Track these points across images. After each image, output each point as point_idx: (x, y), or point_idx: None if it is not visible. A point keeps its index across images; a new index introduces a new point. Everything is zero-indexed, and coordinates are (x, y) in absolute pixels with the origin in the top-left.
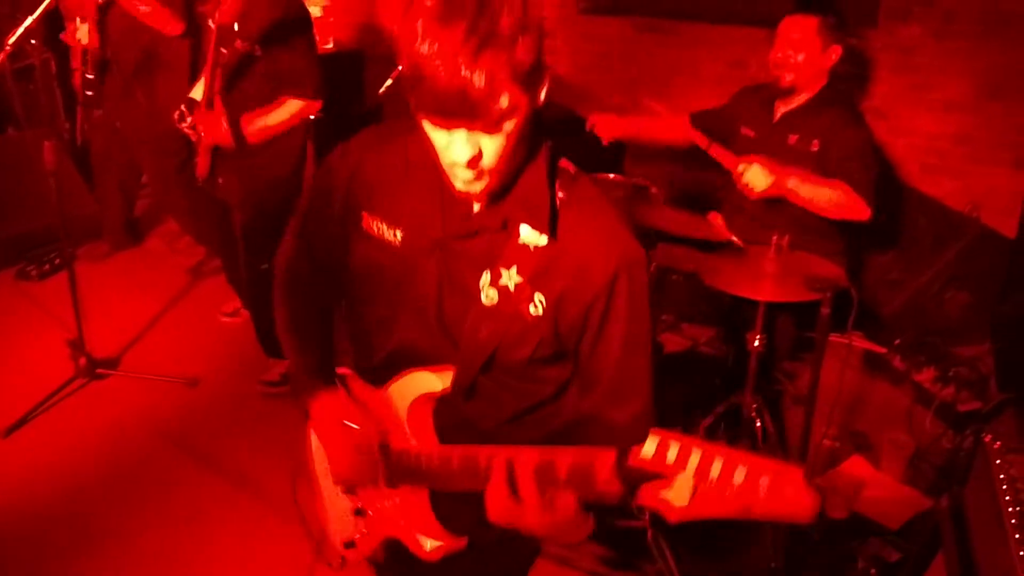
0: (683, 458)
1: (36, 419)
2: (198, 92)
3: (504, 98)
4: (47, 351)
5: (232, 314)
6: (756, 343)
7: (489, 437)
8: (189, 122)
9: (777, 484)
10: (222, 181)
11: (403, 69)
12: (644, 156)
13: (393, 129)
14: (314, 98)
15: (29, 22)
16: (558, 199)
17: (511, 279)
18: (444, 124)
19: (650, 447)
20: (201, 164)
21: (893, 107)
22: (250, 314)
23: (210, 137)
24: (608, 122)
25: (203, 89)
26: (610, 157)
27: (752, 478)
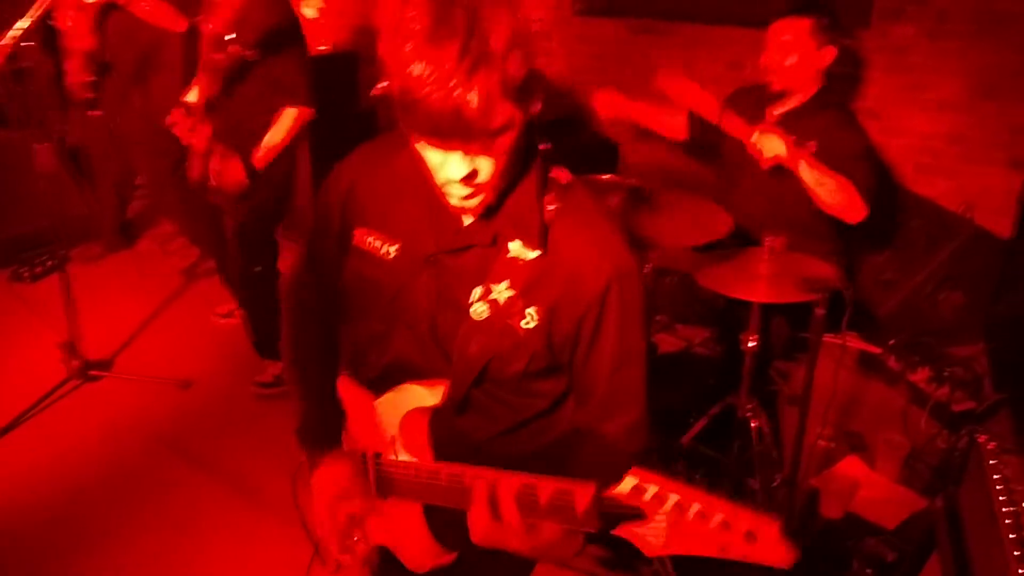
0: (660, 499)
1: (28, 421)
2: (192, 95)
3: (498, 116)
4: (40, 353)
5: (226, 315)
6: (750, 344)
7: (484, 450)
8: (183, 124)
9: (753, 533)
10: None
11: (394, 92)
12: (639, 156)
13: (385, 144)
14: (308, 105)
15: (23, 23)
16: (549, 211)
17: (502, 293)
18: (439, 145)
19: (628, 485)
20: (195, 167)
21: (887, 107)
22: (243, 315)
23: (202, 145)
24: (610, 100)
25: (198, 94)
26: (605, 159)
27: (728, 524)
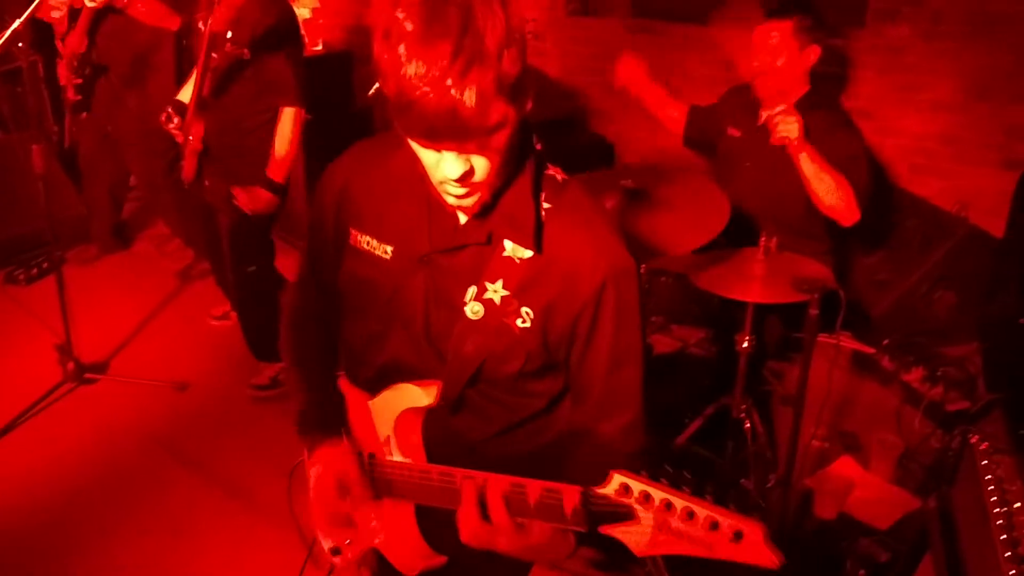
0: (647, 498)
1: (24, 424)
2: (185, 95)
3: (494, 114)
4: (35, 355)
5: (221, 317)
6: (745, 344)
7: (479, 451)
8: (176, 123)
9: (739, 534)
10: (208, 183)
11: (389, 93)
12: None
13: (379, 144)
14: (303, 105)
15: (16, 25)
16: (545, 209)
17: (497, 293)
18: (435, 145)
19: (615, 484)
20: (187, 167)
21: (881, 107)
22: (238, 317)
23: (197, 144)
24: (633, 69)
25: (192, 92)
26: (601, 159)
27: (714, 524)
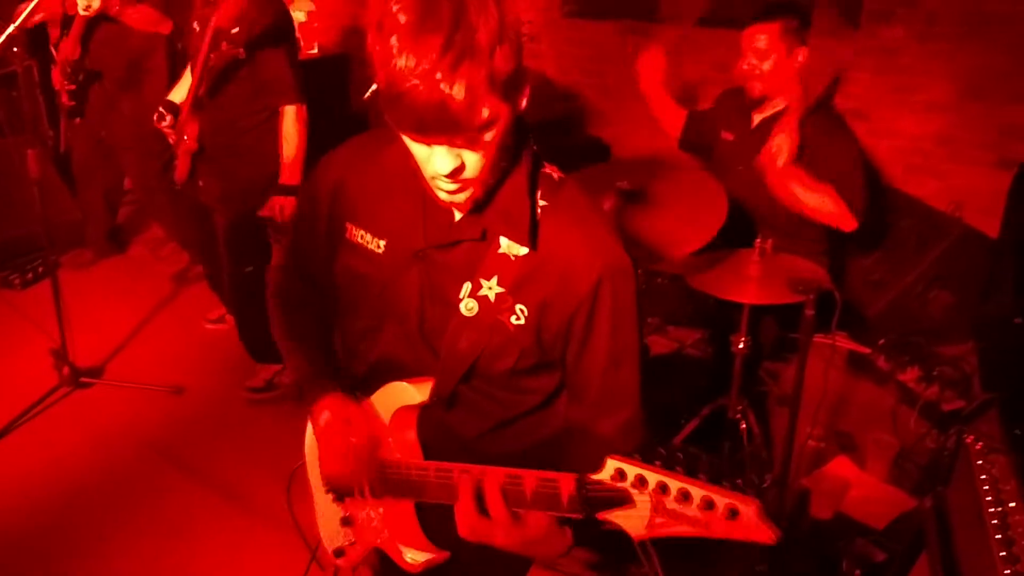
0: (642, 481)
1: (20, 428)
2: (177, 95)
3: (484, 110)
4: (30, 360)
5: (216, 321)
6: (741, 345)
7: (474, 446)
8: (168, 121)
9: (734, 511)
10: (202, 184)
11: (380, 86)
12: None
13: (376, 139)
14: (303, 102)
15: (11, 29)
16: (540, 207)
17: (492, 289)
18: (424, 139)
19: (610, 470)
20: (180, 168)
21: (876, 108)
22: (234, 319)
23: (192, 144)
24: (653, 66)
25: (187, 92)
26: (597, 160)
27: (709, 503)
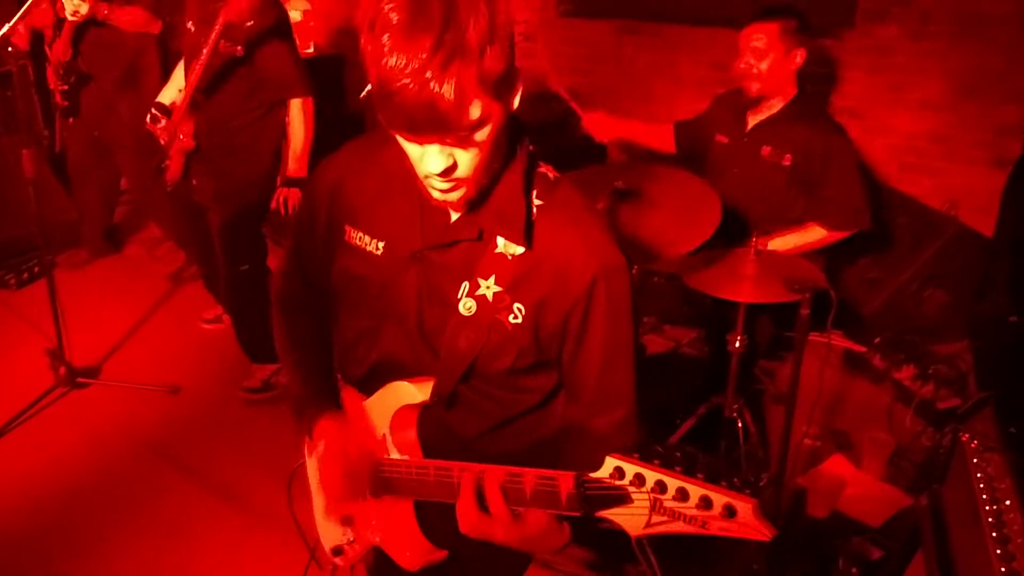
0: (641, 479)
1: (16, 429)
2: (166, 96)
3: (475, 109)
4: (26, 360)
5: (213, 321)
6: (737, 344)
7: (474, 446)
8: (163, 124)
9: (731, 509)
10: (196, 182)
11: (372, 86)
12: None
13: (373, 141)
14: (310, 94)
15: (4, 29)
16: (536, 206)
17: (489, 289)
18: (416, 138)
19: (608, 468)
20: (174, 166)
21: (871, 107)
22: (230, 318)
23: (188, 142)
24: (602, 123)
25: (180, 91)
26: (593, 160)
27: (707, 501)
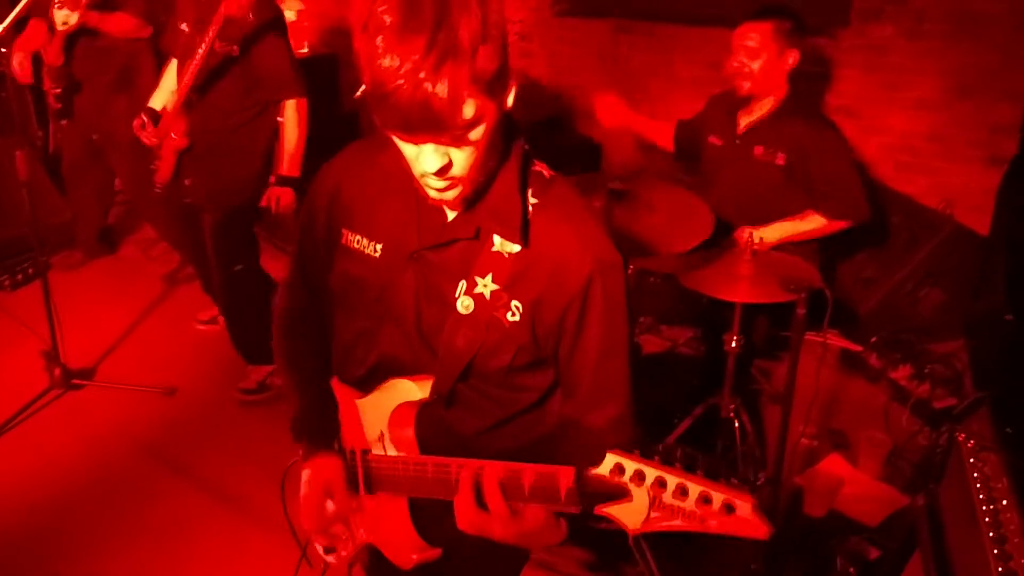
0: (640, 476)
1: (11, 431)
2: (157, 101)
3: (468, 108)
4: (21, 362)
5: (208, 322)
6: (733, 344)
7: (472, 444)
8: (150, 130)
9: (730, 506)
10: (189, 183)
11: (366, 87)
12: (621, 156)
13: (371, 144)
14: (304, 95)
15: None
16: (532, 204)
17: (487, 287)
18: (410, 138)
19: (608, 464)
20: (164, 167)
21: (866, 106)
22: (225, 320)
23: (181, 141)
24: (613, 107)
25: (171, 93)
26: (589, 160)
27: (706, 498)
